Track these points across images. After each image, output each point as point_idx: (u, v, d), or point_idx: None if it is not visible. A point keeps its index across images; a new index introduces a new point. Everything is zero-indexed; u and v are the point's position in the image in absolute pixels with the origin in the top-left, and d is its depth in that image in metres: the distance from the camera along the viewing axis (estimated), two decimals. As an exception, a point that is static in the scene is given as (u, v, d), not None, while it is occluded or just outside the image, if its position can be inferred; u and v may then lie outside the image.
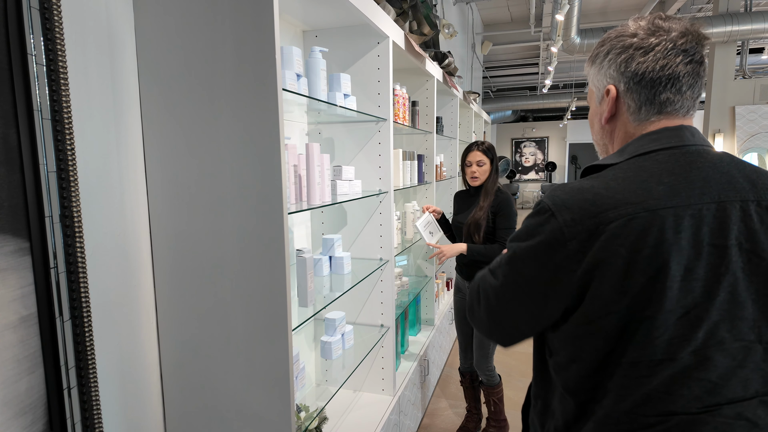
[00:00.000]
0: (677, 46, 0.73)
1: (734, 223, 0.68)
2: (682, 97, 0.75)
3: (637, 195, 0.69)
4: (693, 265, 0.67)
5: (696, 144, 0.74)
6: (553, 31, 5.35)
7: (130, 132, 1.21)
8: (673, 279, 0.66)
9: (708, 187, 0.69)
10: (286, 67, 1.37)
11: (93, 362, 1.01)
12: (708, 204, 0.68)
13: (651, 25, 0.75)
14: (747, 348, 0.68)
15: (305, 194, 1.51)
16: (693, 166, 0.71)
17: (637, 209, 0.68)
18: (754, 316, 0.68)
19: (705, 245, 0.67)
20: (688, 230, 0.67)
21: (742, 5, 5.52)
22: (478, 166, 2.29)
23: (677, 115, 0.76)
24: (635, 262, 0.67)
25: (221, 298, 1.24)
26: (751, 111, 5.31)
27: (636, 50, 0.74)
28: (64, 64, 0.92)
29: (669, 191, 0.68)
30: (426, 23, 2.48)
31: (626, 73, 0.76)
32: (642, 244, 0.66)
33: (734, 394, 0.67)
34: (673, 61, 0.72)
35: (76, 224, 0.96)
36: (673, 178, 0.70)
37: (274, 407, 1.23)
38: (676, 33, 0.73)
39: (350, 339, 1.88)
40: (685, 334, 0.67)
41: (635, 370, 0.70)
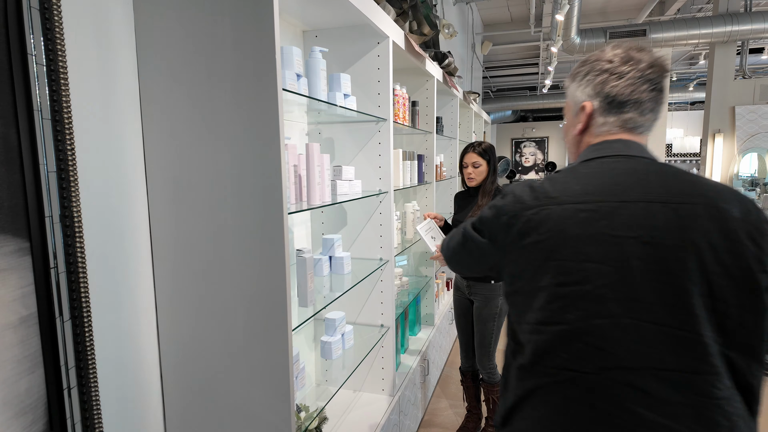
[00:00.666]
0: (644, 76, 0.87)
1: (634, 217, 0.80)
2: (643, 118, 0.90)
3: (556, 192, 0.86)
4: (587, 249, 0.81)
5: (627, 154, 0.88)
6: (553, 31, 5.35)
7: (130, 132, 1.21)
8: (563, 258, 0.82)
9: (614, 189, 0.83)
10: (286, 67, 1.37)
11: (93, 362, 1.01)
12: (611, 202, 0.82)
13: (625, 55, 0.89)
14: (637, 325, 0.78)
15: (305, 194, 1.51)
16: (611, 173, 0.86)
17: (550, 202, 0.85)
18: (649, 299, 0.78)
19: (600, 233, 0.80)
20: (586, 222, 0.81)
21: (742, 5, 5.52)
22: (473, 168, 2.30)
23: (633, 132, 0.91)
24: (534, 243, 0.84)
25: (221, 298, 1.24)
26: (751, 111, 5.31)
27: (611, 74, 0.89)
28: (64, 64, 0.92)
29: (581, 191, 0.85)
30: (426, 23, 2.48)
31: (601, 93, 0.90)
32: (541, 228, 0.84)
33: (623, 363, 0.78)
34: (639, 87, 0.88)
35: (76, 224, 0.96)
36: (588, 181, 0.86)
37: (274, 407, 1.23)
38: (645, 64, 0.88)
39: (350, 339, 1.88)
40: (574, 304, 0.81)
41: (536, 328, 0.84)
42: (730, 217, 0.79)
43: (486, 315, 2.32)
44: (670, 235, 0.79)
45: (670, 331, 0.78)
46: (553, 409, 0.84)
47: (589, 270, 0.80)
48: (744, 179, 5.52)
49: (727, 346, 0.79)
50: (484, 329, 2.34)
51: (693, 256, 0.78)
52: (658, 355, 0.78)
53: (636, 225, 0.80)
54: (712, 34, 5.17)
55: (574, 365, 0.81)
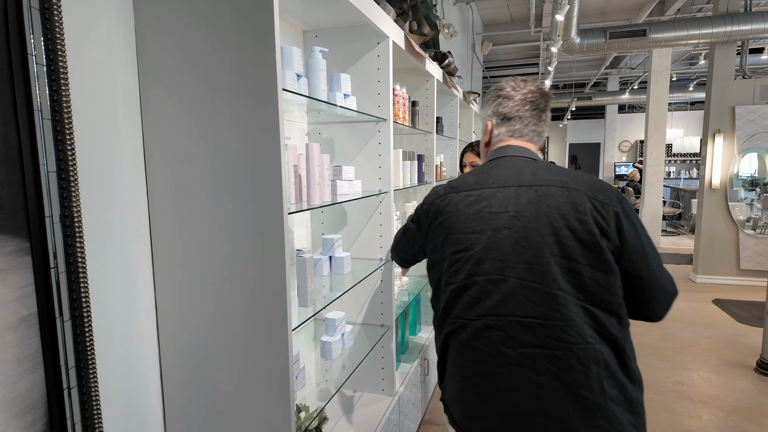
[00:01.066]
0: (526, 99, 1.17)
1: (506, 198, 1.04)
2: (527, 129, 1.18)
3: (456, 184, 1.15)
4: (471, 224, 1.06)
5: (512, 155, 1.15)
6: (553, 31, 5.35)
7: (130, 132, 1.21)
8: (456, 231, 1.08)
9: (496, 179, 1.09)
10: (286, 67, 1.37)
11: (93, 362, 1.01)
12: (491, 188, 1.08)
13: (515, 84, 1.19)
14: (503, 280, 1.00)
15: (305, 194, 1.51)
16: (494, 169, 1.12)
17: (451, 191, 1.14)
18: (512, 259, 1.00)
19: (480, 211, 1.06)
20: (472, 204, 1.08)
21: (742, 5, 5.52)
22: (472, 167, 2.27)
23: (521, 138, 1.18)
24: (440, 223, 1.12)
25: (221, 298, 1.24)
26: (751, 111, 5.31)
27: (503, 99, 1.19)
28: (64, 64, 0.92)
29: (473, 182, 1.12)
30: (426, 23, 2.48)
31: (496, 113, 1.20)
32: (444, 211, 1.12)
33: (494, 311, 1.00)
34: (522, 107, 1.17)
35: (76, 224, 0.96)
36: (479, 176, 1.13)
37: (274, 407, 1.23)
38: (527, 90, 1.17)
39: (350, 339, 1.88)
40: (462, 267, 1.05)
41: (444, 289, 1.10)
42: (579, 193, 1.00)
43: None
44: (530, 209, 1.01)
45: (530, 285, 0.98)
46: (454, 351, 1.07)
47: (472, 239, 1.05)
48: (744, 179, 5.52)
49: (587, 301, 0.96)
50: None
51: (547, 224, 0.99)
52: (520, 305, 0.97)
53: (507, 204, 1.04)
54: (712, 34, 5.17)
55: (462, 314, 1.04)
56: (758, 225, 5.36)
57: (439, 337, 1.12)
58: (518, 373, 0.96)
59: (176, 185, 1.23)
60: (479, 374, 1.01)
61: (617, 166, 12.75)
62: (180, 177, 1.22)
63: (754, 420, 2.60)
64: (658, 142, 7.30)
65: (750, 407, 2.74)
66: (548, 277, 0.96)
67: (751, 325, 4.04)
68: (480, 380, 1.00)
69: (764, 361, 3.15)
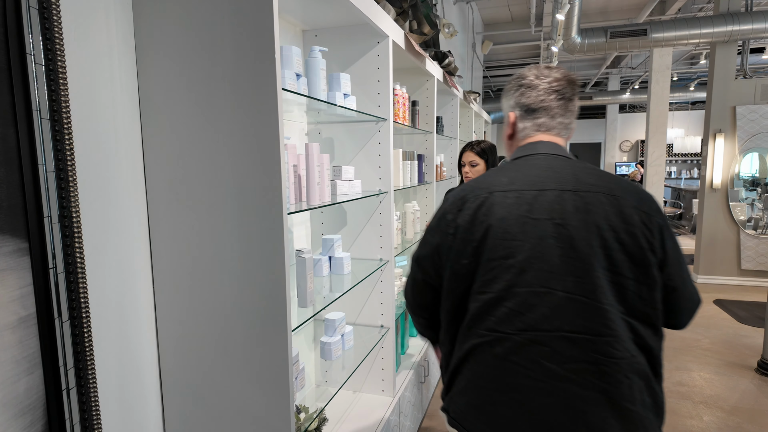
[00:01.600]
0: (552, 88, 1.05)
1: (550, 203, 0.95)
2: (554, 122, 1.07)
3: (488, 183, 1.02)
4: (511, 228, 0.95)
5: (545, 153, 1.05)
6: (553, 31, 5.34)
7: (130, 132, 1.20)
8: (494, 237, 0.96)
9: (536, 179, 0.99)
10: (285, 66, 1.37)
11: (92, 363, 1.00)
12: (530, 191, 0.97)
13: (538, 71, 1.07)
14: (550, 293, 0.92)
15: (305, 194, 1.51)
16: (530, 167, 1.02)
17: (483, 192, 1.01)
18: (559, 271, 0.92)
19: (522, 216, 0.95)
20: (511, 206, 0.97)
21: (742, 5, 5.51)
22: (471, 167, 2.27)
23: (549, 133, 1.08)
24: (474, 225, 0.99)
25: (221, 298, 1.24)
26: (752, 111, 5.30)
27: (526, 88, 1.07)
28: (63, 64, 0.92)
29: (508, 181, 1.00)
30: (426, 23, 2.47)
31: (519, 104, 1.09)
32: (479, 212, 0.99)
33: (538, 325, 0.92)
34: (547, 97, 1.06)
35: (75, 224, 0.95)
36: (512, 174, 1.02)
37: (273, 408, 1.23)
38: (552, 78, 1.06)
39: (350, 340, 1.88)
40: (500, 275, 0.95)
41: (474, 297, 0.99)
42: (626, 203, 0.95)
43: None
44: (577, 217, 0.94)
45: (579, 299, 0.91)
46: (483, 365, 0.97)
47: (513, 247, 0.95)
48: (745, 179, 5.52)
49: (628, 314, 0.93)
50: None
51: (596, 235, 0.93)
52: (566, 319, 0.91)
53: (550, 209, 0.95)
54: (712, 34, 5.16)
55: (498, 327, 0.95)
56: (759, 225, 5.35)
57: (460, 347, 1.02)
58: (563, 388, 0.91)
59: (175, 185, 1.23)
60: (516, 389, 0.94)
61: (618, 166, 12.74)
62: (179, 177, 1.22)
63: (755, 421, 2.60)
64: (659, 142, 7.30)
65: (751, 408, 2.73)
66: (598, 291, 0.91)
67: (752, 326, 4.04)
68: (516, 395, 0.94)
69: (765, 362, 3.15)
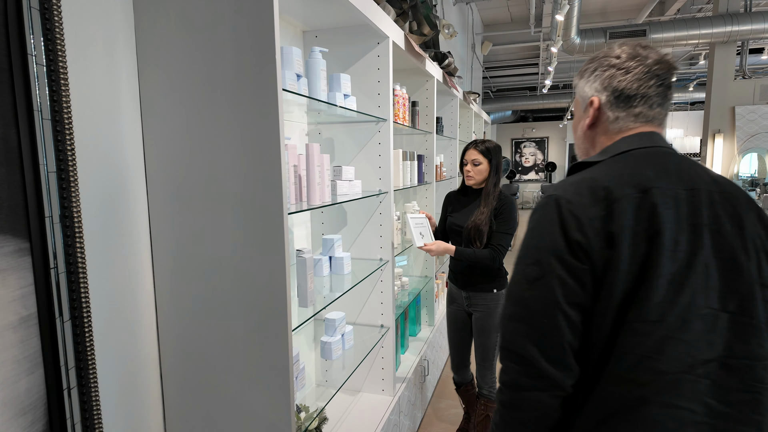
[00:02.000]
0: (651, 71, 0.87)
1: (704, 207, 0.80)
2: (652, 112, 0.90)
3: (633, 179, 0.81)
4: (678, 237, 0.77)
5: (664, 146, 0.88)
6: (553, 32, 5.35)
7: (130, 132, 1.21)
8: (665, 247, 0.77)
9: (681, 176, 0.82)
10: (286, 67, 1.37)
11: (93, 362, 1.01)
12: (683, 190, 0.81)
13: (632, 51, 0.89)
14: (715, 315, 0.78)
15: (305, 194, 1.51)
16: (667, 160, 0.84)
17: (634, 190, 0.80)
18: (719, 287, 0.78)
19: (684, 223, 0.78)
20: (671, 208, 0.78)
21: (741, 5, 5.52)
22: (473, 165, 2.14)
23: (651, 124, 0.90)
24: (637, 233, 0.77)
25: (221, 298, 1.24)
26: (751, 111, 5.31)
27: (618, 70, 0.89)
28: (64, 64, 0.92)
29: (655, 176, 0.81)
30: (426, 23, 2.48)
31: (608, 87, 0.90)
32: (641, 216, 0.78)
33: (704, 356, 0.77)
34: (646, 83, 0.88)
35: (76, 224, 0.96)
36: (654, 168, 0.83)
37: (274, 407, 1.23)
38: (652, 60, 0.88)
39: (350, 339, 1.88)
40: (673, 299, 0.76)
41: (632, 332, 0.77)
42: (759, 208, 0.84)
43: (489, 327, 2.17)
44: (731, 223, 0.80)
45: (742, 321, 0.78)
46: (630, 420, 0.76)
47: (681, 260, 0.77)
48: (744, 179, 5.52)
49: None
50: (487, 342, 2.19)
51: (752, 246, 0.80)
52: (729, 345, 0.78)
53: (705, 213, 0.80)
54: (712, 35, 5.17)
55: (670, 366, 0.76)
56: (758, 225, 5.35)
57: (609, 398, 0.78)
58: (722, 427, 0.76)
59: (176, 185, 1.23)
60: None
61: (617, 167, 12.74)
62: (180, 177, 1.22)
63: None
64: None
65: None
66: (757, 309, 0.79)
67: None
68: None
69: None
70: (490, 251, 2.06)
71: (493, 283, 2.16)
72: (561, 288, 0.79)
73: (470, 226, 2.11)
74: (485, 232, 2.07)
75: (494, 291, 2.16)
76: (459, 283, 2.25)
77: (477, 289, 2.18)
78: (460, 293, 2.26)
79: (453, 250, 2.11)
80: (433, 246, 2.12)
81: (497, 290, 2.16)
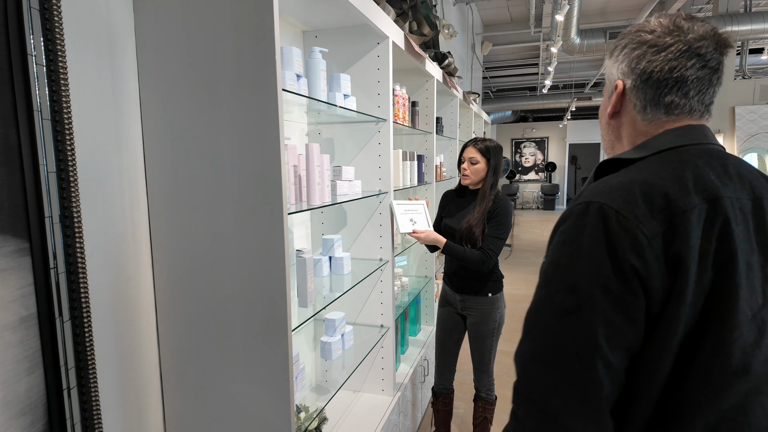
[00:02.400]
0: (692, 49, 0.69)
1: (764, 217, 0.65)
2: (689, 101, 0.71)
3: (696, 185, 0.63)
4: (751, 261, 0.62)
5: (716, 144, 0.72)
6: (552, 32, 5.35)
7: (130, 132, 1.21)
8: (741, 274, 0.60)
9: (743, 182, 0.66)
10: (286, 67, 1.37)
11: (93, 363, 1.01)
12: (747, 200, 0.65)
13: (671, 24, 0.71)
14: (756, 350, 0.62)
15: (305, 194, 1.51)
16: (726, 162, 0.67)
17: (699, 199, 0.62)
18: None
19: (753, 242, 0.63)
20: (741, 223, 0.63)
21: (741, 5, 5.52)
22: (471, 164, 2.08)
23: (691, 117, 0.72)
24: (706, 256, 0.60)
25: (221, 298, 1.24)
26: (750, 111, 5.31)
27: (650, 47, 0.71)
28: (64, 65, 0.92)
29: (720, 183, 0.64)
30: (426, 24, 2.48)
31: (636, 70, 0.73)
32: (711, 234, 0.61)
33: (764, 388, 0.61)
34: (683, 63, 0.69)
35: (76, 224, 0.96)
36: (716, 171, 0.65)
37: (274, 407, 1.23)
38: (694, 35, 0.69)
39: (350, 339, 1.88)
40: (757, 341, 0.60)
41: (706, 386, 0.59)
42: None
43: (484, 331, 2.14)
44: None
45: None
46: None
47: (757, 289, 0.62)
48: (744, 179, 5.54)
49: None
50: (482, 346, 2.16)
51: None
52: None
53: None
54: (711, 35, 5.17)
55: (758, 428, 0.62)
56: (758, 225, 5.36)
57: None
58: None
59: (176, 185, 1.23)
60: None
61: (617, 167, 12.74)
62: (180, 177, 1.22)
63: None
64: (658, 143, 7.29)
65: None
66: None
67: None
68: None
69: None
70: (481, 254, 2.01)
71: (487, 287, 2.13)
72: (604, 327, 0.60)
73: (464, 228, 2.07)
74: (477, 234, 2.03)
75: (489, 295, 2.12)
76: (453, 285, 2.21)
77: (471, 292, 2.15)
78: (454, 296, 2.22)
79: (442, 243, 2.05)
80: (422, 234, 2.05)
81: (492, 294, 2.12)
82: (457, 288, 2.19)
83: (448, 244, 2.05)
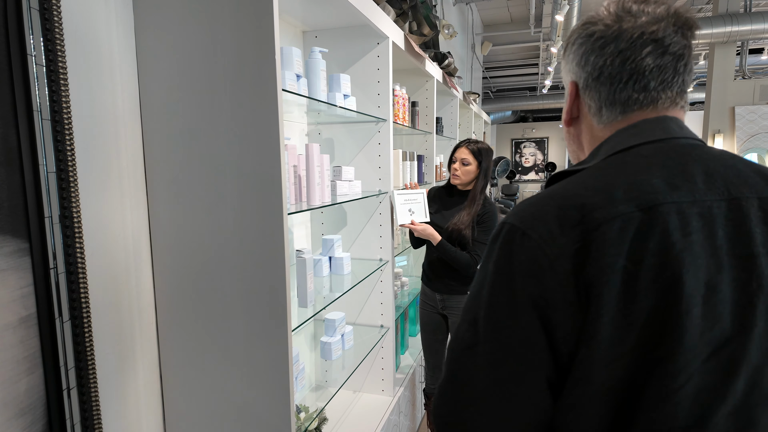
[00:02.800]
0: (645, 35, 0.58)
1: (756, 225, 0.52)
2: (649, 94, 0.60)
3: (627, 191, 0.52)
4: (715, 280, 0.49)
5: (686, 137, 0.59)
6: (552, 32, 5.35)
7: (131, 132, 1.21)
8: (691, 300, 0.48)
9: (713, 181, 0.54)
10: (285, 67, 1.37)
11: (93, 363, 1.01)
12: (717, 201, 0.52)
13: (619, 9, 0.61)
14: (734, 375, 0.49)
15: (305, 195, 1.51)
16: (689, 159, 0.55)
17: (629, 207, 0.51)
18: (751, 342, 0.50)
19: (725, 255, 0.50)
20: (699, 233, 0.50)
21: (741, 6, 5.52)
22: (462, 165, 2.05)
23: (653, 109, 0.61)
24: (637, 278, 0.49)
25: (221, 298, 1.24)
26: (750, 111, 5.32)
27: (597, 40, 0.61)
28: (64, 65, 0.92)
29: (666, 186, 0.52)
30: (426, 24, 2.48)
31: (585, 68, 0.63)
32: (642, 251, 0.49)
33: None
34: (637, 53, 0.59)
35: (75, 224, 0.96)
36: (667, 172, 0.54)
37: (274, 408, 1.23)
38: (647, 19, 0.59)
39: (350, 339, 1.88)
40: (717, 387, 0.48)
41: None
42: None
43: None
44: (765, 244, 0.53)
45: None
46: None
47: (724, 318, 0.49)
48: (744, 179, 5.54)
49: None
50: None
51: None
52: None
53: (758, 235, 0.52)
54: (711, 35, 5.17)
55: None
56: (758, 225, 5.36)
57: None
58: None
59: (176, 186, 1.23)
60: None
61: (617, 167, 12.75)
62: (179, 177, 1.22)
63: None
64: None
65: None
66: None
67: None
68: None
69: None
70: (469, 259, 2.03)
71: (468, 286, 2.12)
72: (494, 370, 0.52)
73: (451, 228, 2.06)
74: (468, 236, 2.04)
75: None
76: (432, 285, 2.21)
77: (451, 292, 2.16)
78: (434, 295, 2.22)
79: (437, 240, 2.05)
80: (419, 227, 2.04)
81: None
82: (437, 288, 2.20)
83: (442, 242, 2.06)
